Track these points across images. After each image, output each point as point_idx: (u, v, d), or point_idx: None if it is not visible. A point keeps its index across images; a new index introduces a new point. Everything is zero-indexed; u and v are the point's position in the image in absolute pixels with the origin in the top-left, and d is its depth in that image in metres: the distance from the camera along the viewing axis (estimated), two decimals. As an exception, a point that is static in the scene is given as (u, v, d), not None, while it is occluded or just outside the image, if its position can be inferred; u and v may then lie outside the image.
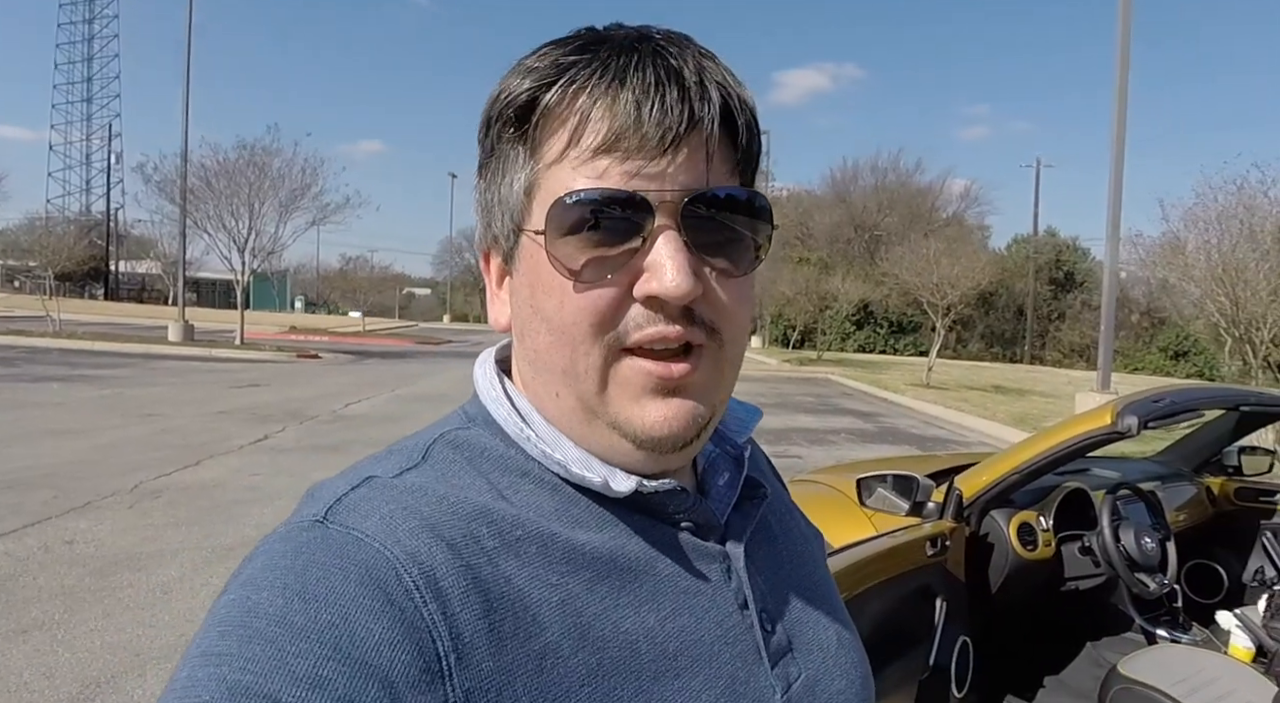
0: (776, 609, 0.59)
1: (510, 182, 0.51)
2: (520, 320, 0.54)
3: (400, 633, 0.41)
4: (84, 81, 69.39)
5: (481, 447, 0.54)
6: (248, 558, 0.47)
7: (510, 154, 0.51)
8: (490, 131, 0.52)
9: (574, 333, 0.49)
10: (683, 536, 0.55)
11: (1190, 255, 9.85)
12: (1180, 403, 2.41)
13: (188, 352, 19.14)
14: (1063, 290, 43.83)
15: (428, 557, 0.44)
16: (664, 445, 0.51)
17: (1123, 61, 11.15)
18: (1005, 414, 13.40)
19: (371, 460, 0.53)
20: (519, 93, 0.49)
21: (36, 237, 25.30)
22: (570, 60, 0.49)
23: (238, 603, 0.42)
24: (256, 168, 20.70)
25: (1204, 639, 2.70)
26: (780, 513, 0.68)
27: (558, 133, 0.49)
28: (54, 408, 9.66)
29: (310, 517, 0.47)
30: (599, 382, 0.50)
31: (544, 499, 0.52)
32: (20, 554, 4.46)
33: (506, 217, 0.52)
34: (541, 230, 0.49)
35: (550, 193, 0.49)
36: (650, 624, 0.50)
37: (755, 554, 0.59)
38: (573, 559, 0.49)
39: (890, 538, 2.15)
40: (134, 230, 50.29)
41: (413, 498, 0.48)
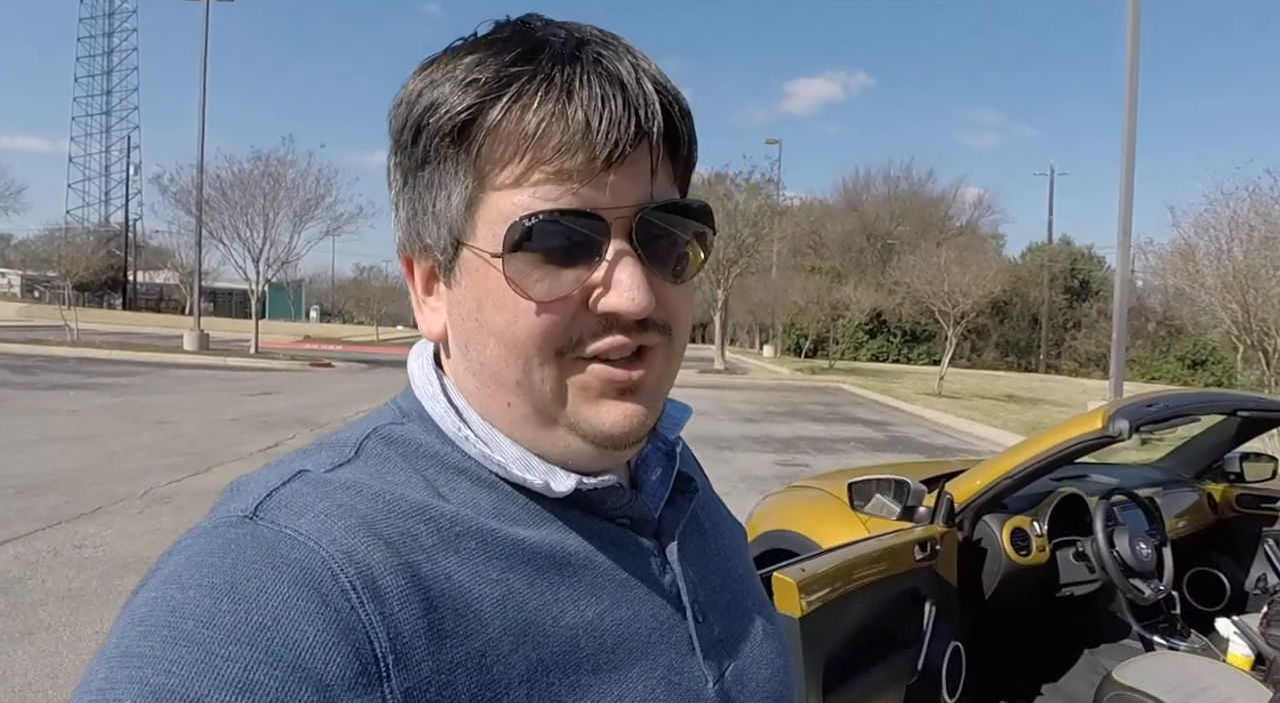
0: (708, 601, 0.60)
1: (448, 195, 0.49)
2: (463, 333, 0.52)
3: (336, 635, 0.40)
4: (103, 94, 70.33)
5: (417, 443, 0.53)
6: (167, 554, 0.45)
7: (448, 168, 0.49)
8: (421, 140, 0.49)
9: (528, 349, 0.49)
10: (619, 531, 0.56)
11: (1201, 262, 9.77)
12: (1173, 407, 2.40)
13: (202, 361, 19.31)
14: (1078, 299, 43.53)
15: (364, 556, 0.43)
16: (619, 443, 0.51)
17: (1132, 67, 11.11)
18: (1016, 423, 13.31)
19: (300, 455, 0.52)
20: (460, 106, 0.47)
21: (56, 247, 25.64)
22: (514, 72, 0.47)
23: (160, 602, 0.40)
24: (271, 178, 20.93)
25: (1202, 647, 2.68)
26: (708, 507, 0.68)
27: (506, 151, 0.47)
28: (68, 415, 9.77)
29: (238, 512, 0.45)
30: (555, 391, 0.50)
31: (481, 497, 0.51)
32: (29, 558, 4.51)
33: (443, 229, 0.50)
34: (498, 253, 0.48)
35: (500, 212, 0.48)
36: (590, 618, 0.50)
37: (687, 547, 0.60)
38: (513, 555, 0.49)
39: (878, 541, 2.15)
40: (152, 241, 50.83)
41: (348, 495, 0.47)
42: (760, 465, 8.75)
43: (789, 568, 1.80)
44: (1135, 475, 3.28)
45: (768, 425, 12.49)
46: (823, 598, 1.82)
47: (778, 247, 30.57)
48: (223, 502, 0.48)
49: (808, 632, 1.74)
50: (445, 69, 0.49)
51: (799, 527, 2.96)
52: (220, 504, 0.48)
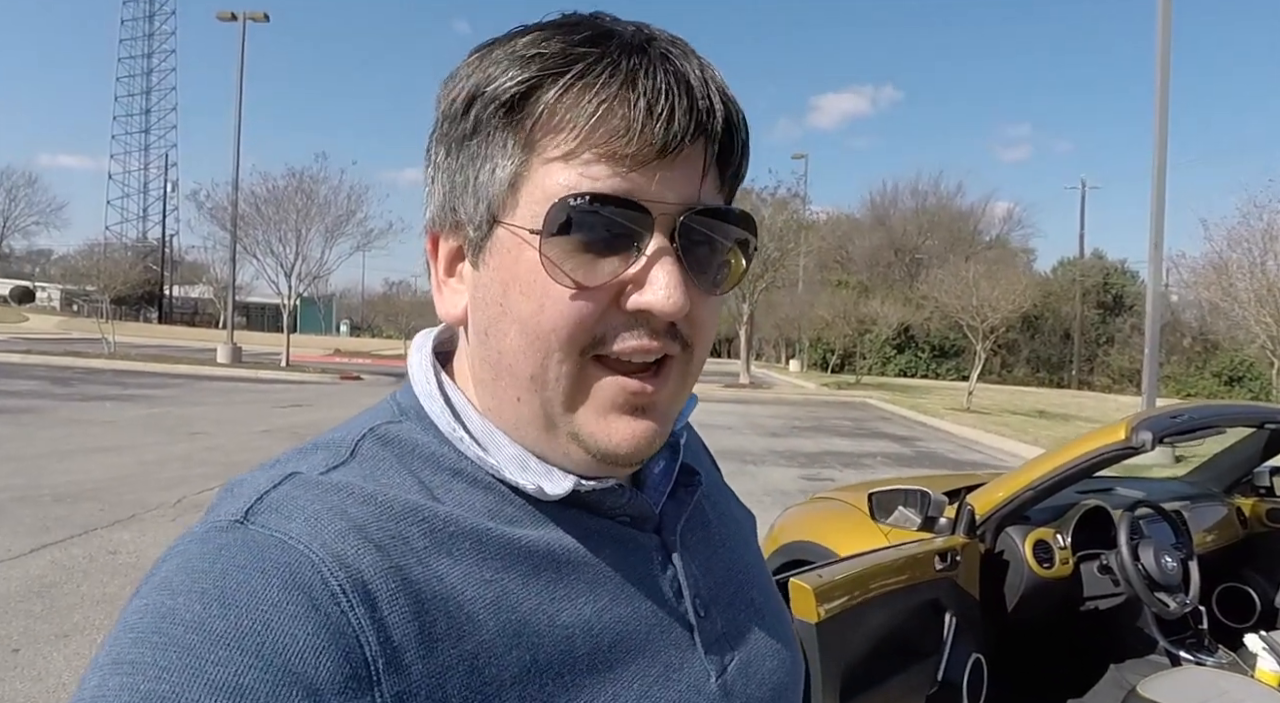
0: (710, 594, 0.59)
1: (492, 168, 0.48)
2: (484, 317, 0.51)
3: (326, 639, 0.40)
4: (143, 113, 72.03)
5: (413, 443, 0.52)
6: (161, 559, 0.45)
7: (497, 139, 0.47)
8: (473, 110, 0.48)
9: (551, 340, 0.47)
10: (618, 528, 0.55)
11: (1234, 275, 9.61)
12: (1199, 419, 2.38)
13: (235, 373, 19.64)
14: (1111, 314, 42.90)
15: (354, 559, 0.43)
16: (624, 462, 0.50)
17: (1162, 79, 11.00)
18: (1047, 439, 13.11)
19: (295, 455, 0.51)
20: (518, 78, 0.46)
21: (94, 262, 26.25)
22: (580, 52, 0.46)
23: (152, 608, 0.40)
24: (304, 195, 21.32)
25: (1230, 662, 2.64)
26: (713, 496, 0.67)
27: (560, 128, 0.46)
28: (105, 426, 9.99)
29: (229, 517, 0.45)
30: (568, 392, 0.49)
31: (477, 498, 0.51)
32: (66, 563, 4.62)
33: (481, 204, 0.49)
34: (536, 230, 0.46)
35: (544, 190, 0.46)
36: (586, 616, 0.50)
37: (689, 540, 0.59)
38: (508, 555, 0.49)
39: (898, 550, 2.15)
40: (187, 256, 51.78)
41: (339, 497, 0.46)
42: (786, 480, 8.71)
43: (806, 574, 1.81)
44: (1162, 489, 3.25)
45: (793, 440, 12.43)
46: (840, 605, 1.82)
47: (804, 261, 30.49)
48: (216, 505, 0.48)
49: (824, 638, 1.75)
50: (505, 46, 0.48)
51: (820, 538, 2.96)
52: (214, 507, 0.48)
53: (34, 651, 3.45)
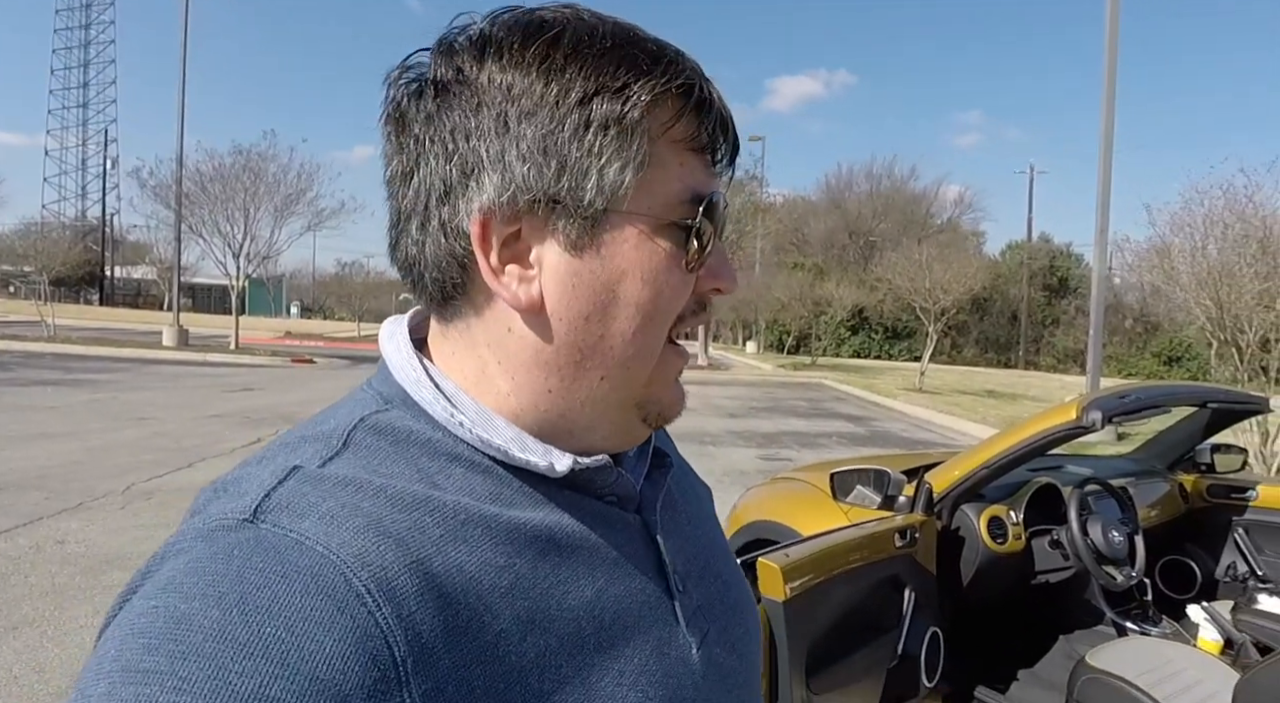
0: (685, 570, 0.62)
1: (620, 162, 0.49)
2: (585, 304, 0.51)
3: (353, 643, 0.39)
4: (80, 87, 69.44)
5: (406, 431, 0.52)
6: (160, 557, 0.43)
7: (619, 133, 0.49)
8: (594, 102, 0.48)
9: (661, 322, 0.53)
10: (608, 509, 0.57)
11: (1176, 259, 9.93)
12: (1145, 399, 2.47)
13: (182, 356, 19.14)
14: (1056, 296, 44.03)
15: (376, 556, 0.42)
16: (669, 421, 0.58)
17: (1110, 66, 11.25)
18: (996, 418, 13.47)
19: (285, 447, 0.50)
20: (651, 81, 0.49)
21: (32, 242, 25.33)
22: (687, 67, 0.52)
23: (163, 612, 0.39)
24: (252, 173, 20.70)
25: (1173, 632, 2.75)
26: (678, 476, 0.70)
27: (682, 134, 0.51)
28: (47, 411, 9.68)
29: (236, 515, 0.44)
30: (656, 367, 0.55)
31: (476, 482, 0.51)
32: (12, 553, 4.49)
33: (601, 195, 0.49)
34: (668, 222, 0.51)
35: (673, 187, 0.51)
36: (589, 597, 0.51)
37: (665, 519, 0.62)
38: (515, 539, 0.49)
39: (860, 529, 2.20)
40: (130, 235, 50.33)
41: (349, 492, 0.46)
42: (744, 460, 8.81)
43: (773, 554, 1.85)
44: (1109, 466, 3.36)
45: (751, 421, 12.56)
46: (806, 583, 1.86)
47: (761, 243, 30.71)
48: (211, 500, 0.47)
49: (791, 616, 1.79)
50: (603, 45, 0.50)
51: (782, 517, 3.01)
52: (209, 504, 0.46)
53: (5, 637, 3.35)
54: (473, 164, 0.49)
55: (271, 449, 0.51)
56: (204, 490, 0.49)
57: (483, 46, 0.50)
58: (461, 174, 0.50)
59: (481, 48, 0.50)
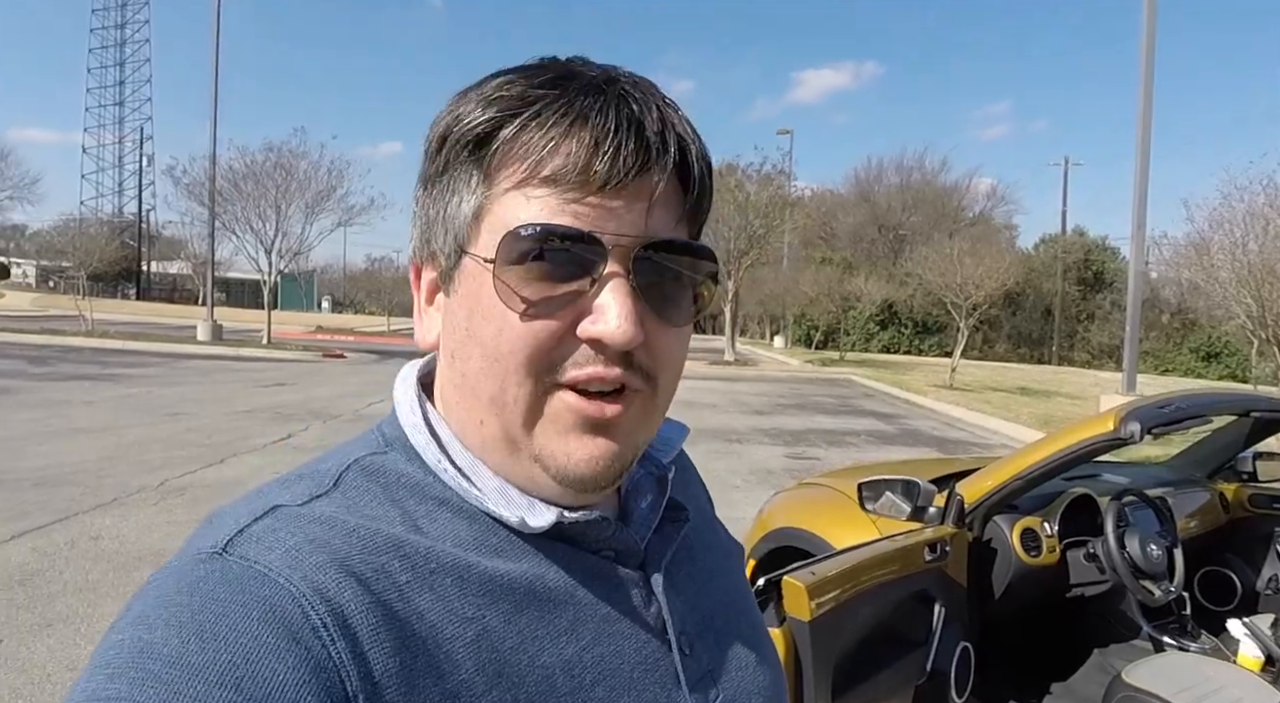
0: (696, 631, 0.59)
1: (459, 202, 0.51)
2: (453, 342, 0.53)
3: (307, 673, 0.40)
4: (116, 85, 70.66)
5: (398, 473, 0.53)
6: (138, 594, 0.44)
7: (462, 175, 0.51)
8: (444, 149, 0.51)
9: (509, 362, 0.49)
10: (602, 563, 0.55)
11: (1215, 256, 9.69)
12: (1186, 409, 2.39)
13: (215, 351, 19.44)
14: (1092, 291, 43.26)
15: (335, 593, 0.43)
16: (585, 485, 0.51)
17: (1147, 57, 10.99)
18: (1029, 416, 13.27)
19: (278, 486, 0.51)
20: (481, 119, 0.49)
21: (70, 238, 25.79)
22: (537, 94, 0.49)
23: (129, 643, 0.40)
24: (283, 170, 21.01)
25: (1213, 648, 2.67)
26: (701, 529, 0.67)
27: (515, 164, 0.49)
28: (84, 406, 9.87)
29: (208, 549, 0.45)
30: (526, 413, 0.50)
31: (461, 528, 0.51)
32: (48, 550, 4.57)
33: (450, 236, 0.52)
34: (491, 258, 0.48)
35: (501, 221, 0.49)
36: (569, 655, 0.50)
37: (675, 575, 0.59)
38: (490, 591, 0.49)
39: (888, 542, 2.15)
40: (165, 231, 50.99)
41: (320, 530, 0.46)
42: (770, 458, 8.75)
43: (799, 571, 1.81)
44: (1147, 476, 3.27)
45: (778, 418, 12.49)
46: (832, 601, 1.83)
47: (789, 238, 30.47)
48: (195, 536, 0.48)
49: (817, 635, 1.75)
50: (478, 89, 0.51)
51: (809, 525, 2.97)
52: (194, 538, 0.47)
53: (17, 641, 3.41)
54: (411, 218, 0.57)
55: (268, 485, 0.52)
56: (207, 515, 0.51)
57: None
58: (411, 228, 0.57)
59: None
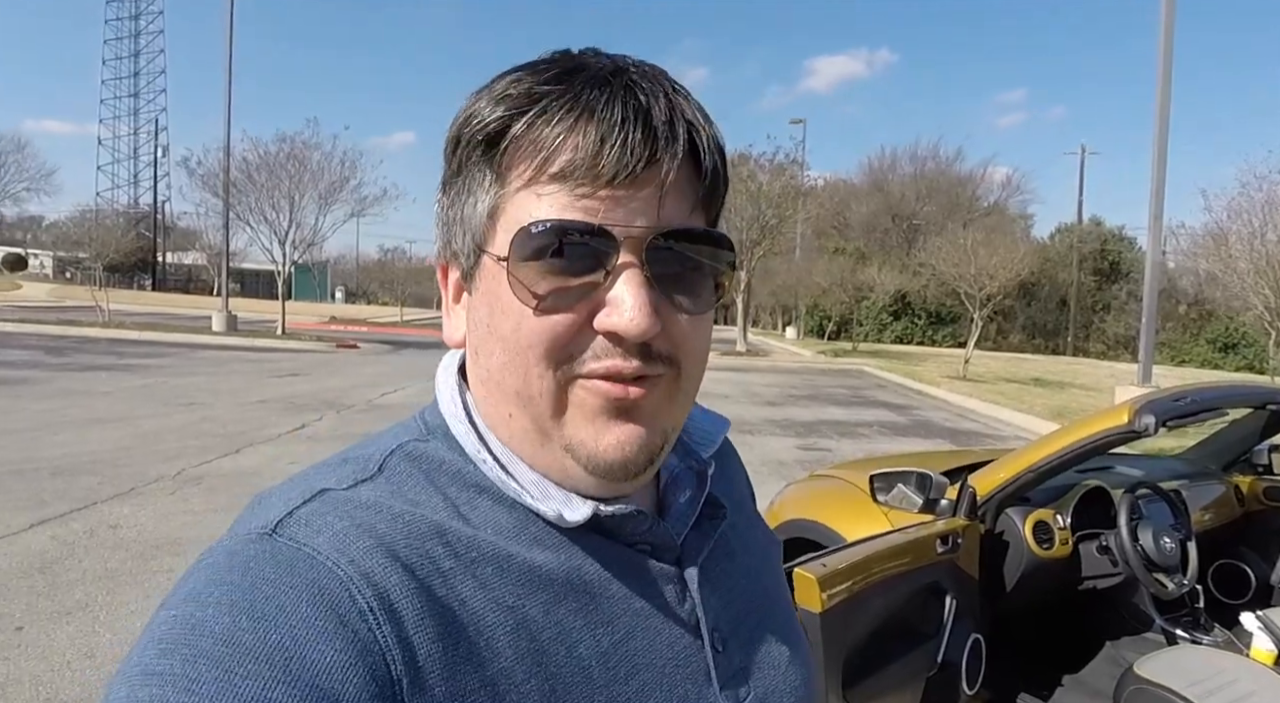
0: (729, 628, 0.59)
1: (474, 202, 0.52)
2: (476, 338, 0.54)
3: (353, 656, 0.41)
4: (131, 77, 70.93)
5: (439, 460, 0.54)
6: (190, 571, 0.45)
7: (476, 175, 0.51)
8: (458, 151, 0.52)
9: (529, 356, 0.49)
10: (638, 557, 0.55)
11: (1233, 246, 9.58)
12: (1202, 401, 2.38)
13: (230, 342, 19.56)
14: (1108, 281, 42.85)
15: (382, 577, 0.44)
16: (616, 473, 0.51)
17: (1165, 43, 10.86)
18: (1042, 407, 13.19)
19: (323, 469, 0.52)
20: (490, 119, 0.50)
21: (86, 229, 26.04)
22: (544, 90, 0.49)
23: (180, 620, 0.41)
24: (296, 161, 21.03)
25: (1225, 641, 2.67)
26: (739, 525, 0.67)
27: (525, 161, 0.49)
28: (101, 396, 9.96)
29: (258, 530, 0.46)
30: (553, 405, 0.50)
31: (501, 516, 0.52)
32: (67, 538, 4.63)
33: (468, 236, 0.53)
34: (504, 256, 0.49)
35: (514, 219, 0.49)
36: (605, 647, 0.50)
37: (710, 571, 0.59)
38: (529, 581, 0.49)
39: (900, 534, 2.16)
40: (180, 222, 51.18)
41: (367, 514, 0.47)
42: (782, 450, 8.75)
43: (810, 564, 1.82)
44: (1161, 468, 3.26)
45: (790, 409, 12.47)
46: (843, 592, 1.83)
47: (801, 228, 30.37)
48: (244, 518, 0.49)
49: (828, 626, 1.76)
50: (488, 89, 0.52)
51: (821, 517, 2.97)
52: (241, 520, 0.49)
53: (38, 629, 3.46)
54: (435, 220, 0.58)
55: (314, 468, 0.53)
56: (252, 499, 0.52)
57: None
58: (436, 229, 0.58)
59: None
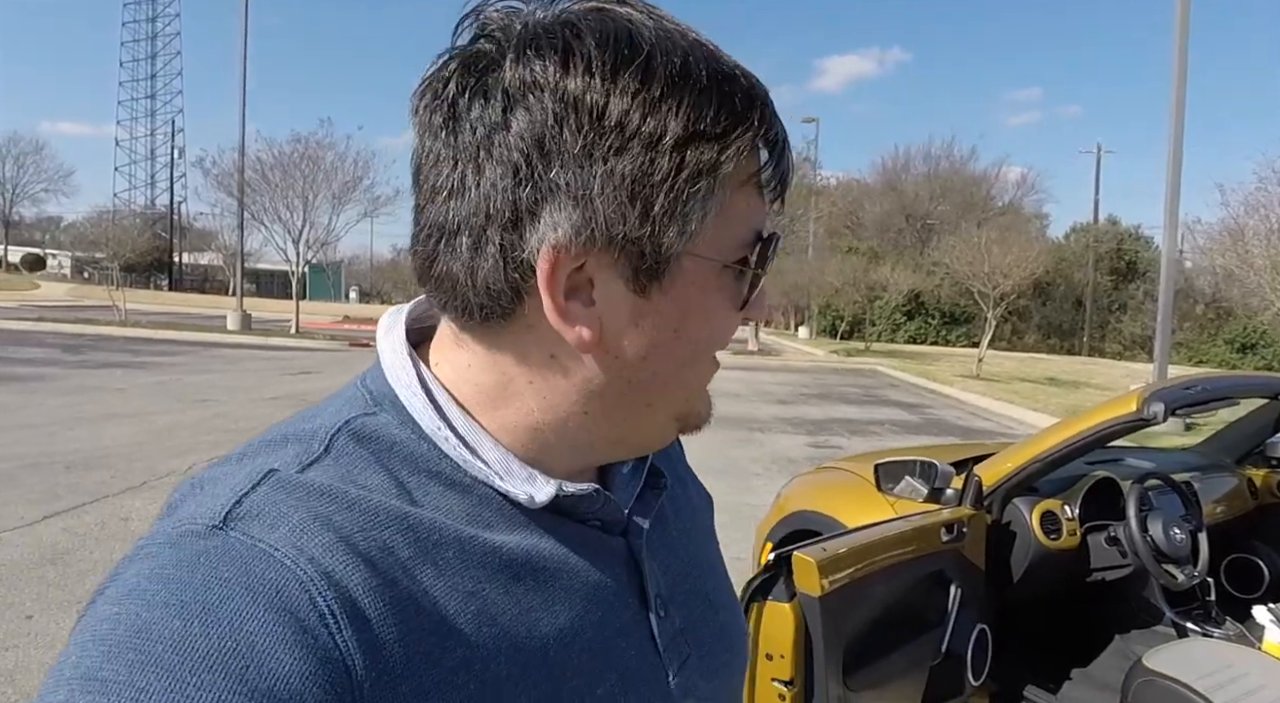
0: (669, 593, 0.60)
1: (702, 208, 0.48)
2: (646, 342, 0.49)
3: (313, 664, 0.39)
4: (148, 79, 71.50)
5: (390, 440, 0.50)
6: (127, 560, 0.42)
7: (705, 180, 0.47)
8: (687, 149, 0.46)
9: (712, 354, 0.54)
10: (590, 532, 0.55)
11: (1250, 242, 9.47)
12: (1212, 390, 2.35)
13: (244, 340, 19.69)
14: (1124, 280, 42.46)
15: (343, 576, 0.41)
16: (701, 428, 0.57)
17: (1181, 39, 10.75)
18: (1057, 406, 13.09)
19: (265, 448, 0.49)
20: (774, 128, 0.50)
21: (103, 229, 26.30)
22: (766, 111, 0.49)
23: (125, 619, 0.38)
24: (310, 161, 21.15)
25: (1237, 634, 2.63)
26: (674, 489, 0.67)
27: (754, 176, 0.50)
28: (115, 393, 10.05)
29: (206, 520, 0.42)
30: (695, 389, 0.55)
31: (454, 501, 0.49)
32: (79, 530, 4.67)
33: (681, 238, 0.47)
34: (731, 262, 0.50)
35: (741, 228, 0.50)
36: (562, 624, 0.50)
37: (652, 539, 0.60)
38: (489, 563, 0.48)
39: (904, 522, 2.14)
40: (196, 223, 51.55)
41: (322, 503, 0.44)
42: (793, 447, 8.72)
43: (810, 547, 1.80)
44: (1172, 460, 3.22)
45: (801, 407, 12.43)
46: (844, 578, 1.81)
47: (814, 227, 30.27)
48: (183, 502, 0.45)
49: (827, 612, 1.75)
50: (689, 83, 0.46)
51: (826, 508, 2.96)
52: (180, 505, 0.45)
53: (48, 618, 3.49)
54: (547, 192, 0.45)
55: (253, 446, 0.49)
56: (181, 485, 0.48)
57: (566, 53, 0.45)
58: (533, 201, 0.45)
59: (565, 55, 0.44)
